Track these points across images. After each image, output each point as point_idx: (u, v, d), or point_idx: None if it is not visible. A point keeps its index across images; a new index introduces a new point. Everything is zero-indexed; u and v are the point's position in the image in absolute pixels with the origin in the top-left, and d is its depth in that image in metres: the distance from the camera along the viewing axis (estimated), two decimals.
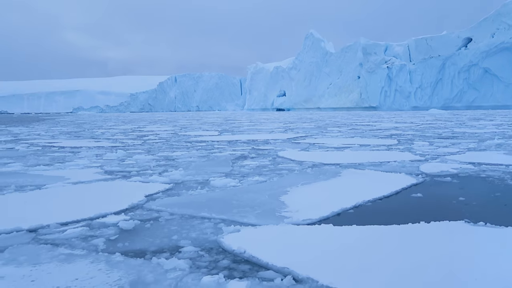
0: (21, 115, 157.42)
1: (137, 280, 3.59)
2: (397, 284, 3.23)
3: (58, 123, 48.03)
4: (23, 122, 54.49)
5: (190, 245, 4.48)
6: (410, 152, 11.44)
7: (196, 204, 6.02)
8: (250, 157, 11.30)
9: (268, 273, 3.71)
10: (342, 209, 5.58)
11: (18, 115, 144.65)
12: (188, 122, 42.27)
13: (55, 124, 44.58)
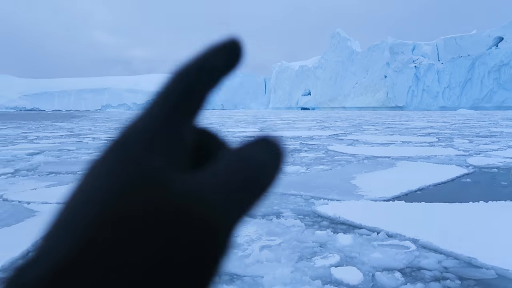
0: (53, 112, 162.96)
1: (271, 231, 4.79)
2: (446, 236, 4.36)
3: (95, 119, 50.23)
4: (63, 118, 57.08)
5: (291, 212, 5.67)
6: (452, 148, 12.32)
7: (283, 185, 7.19)
8: (304, 150, 12.41)
9: (362, 231, 4.86)
10: (409, 191, 6.66)
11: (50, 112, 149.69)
12: (221, 120, 43.69)
13: (93, 120, 46.75)
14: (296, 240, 4.54)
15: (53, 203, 6.02)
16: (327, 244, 4.45)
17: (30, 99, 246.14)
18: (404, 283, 3.49)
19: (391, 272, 3.71)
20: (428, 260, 3.99)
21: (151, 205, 0.20)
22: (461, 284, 3.49)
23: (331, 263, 3.90)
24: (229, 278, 3.57)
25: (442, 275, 3.66)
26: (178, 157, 0.23)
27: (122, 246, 0.19)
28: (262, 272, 3.66)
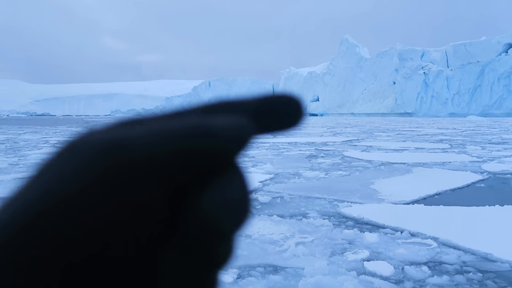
0: (64, 117, 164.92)
1: (302, 230, 5.21)
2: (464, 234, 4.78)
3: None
4: (76, 124, 58.06)
5: (317, 213, 6.08)
6: (466, 155, 12.66)
7: (305, 189, 7.63)
8: (320, 156, 12.82)
9: (387, 230, 5.28)
10: (427, 195, 7.05)
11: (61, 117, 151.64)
12: None
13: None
14: (327, 238, 4.96)
15: None
16: (355, 241, 4.87)
17: (41, 104, 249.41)
18: (431, 275, 3.90)
19: (418, 266, 4.11)
20: (449, 255, 4.39)
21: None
22: (482, 276, 3.88)
23: (362, 258, 4.31)
24: (272, 269, 4.00)
25: (462, 269, 4.06)
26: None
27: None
28: (301, 264, 4.08)
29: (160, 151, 0.20)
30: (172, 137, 0.20)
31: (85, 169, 0.19)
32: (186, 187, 0.21)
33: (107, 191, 0.19)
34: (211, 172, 0.21)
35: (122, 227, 0.19)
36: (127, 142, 0.20)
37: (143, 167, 0.20)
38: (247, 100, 0.24)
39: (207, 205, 0.20)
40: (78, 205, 0.19)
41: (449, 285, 3.70)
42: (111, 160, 0.19)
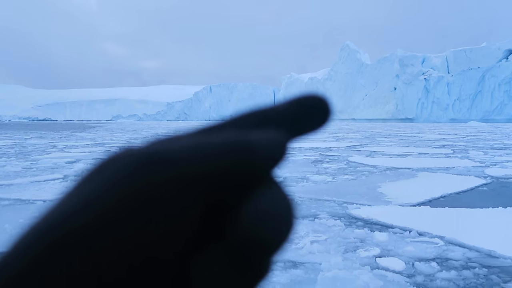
0: (66, 122, 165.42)
1: (316, 229, 5.50)
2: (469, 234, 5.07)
3: (111, 130, 51.40)
4: (80, 129, 58.42)
5: (327, 215, 6.37)
6: (469, 160, 12.95)
7: (315, 192, 7.92)
8: (325, 161, 13.11)
9: (395, 230, 5.57)
10: (432, 198, 7.34)
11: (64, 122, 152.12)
12: None
13: (110, 131, 47.89)
14: (339, 237, 5.26)
15: None
16: (366, 239, 5.16)
17: (42, 109, 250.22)
18: (440, 270, 4.18)
19: (427, 262, 4.40)
20: (455, 252, 4.69)
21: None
22: (487, 271, 4.17)
23: (374, 254, 4.60)
24: (292, 264, 4.29)
25: (468, 264, 4.36)
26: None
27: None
28: (318, 260, 4.38)
29: (200, 167, 0.20)
30: (212, 153, 0.20)
31: (127, 182, 0.19)
32: (224, 201, 0.21)
33: (149, 204, 0.19)
34: (250, 187, 0.21)
35: (160, 241, 0.19)
36: (168, 156, 0.20)
37: (184, 182, 0.20)
38: (279, 107, 0.24)
39: (247, 219, 0.20)
40: (120, 217, 0.19)
41: (457, 279, 3.99)
42: (153, 174, 0.19)
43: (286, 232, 0.21)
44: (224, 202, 0.21)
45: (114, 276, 0.18)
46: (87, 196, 0.19)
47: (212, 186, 0.20)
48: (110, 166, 0.20)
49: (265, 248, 0.21)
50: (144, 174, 0.19)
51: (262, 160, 0.21)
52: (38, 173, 10.80)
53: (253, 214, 0.20)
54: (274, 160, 0.22)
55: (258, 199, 0.21)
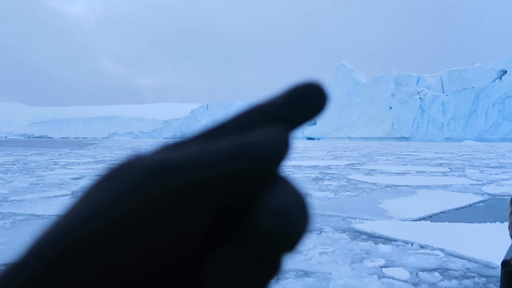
0: (63, 139, 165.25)
1: (323, 242, 5.80)
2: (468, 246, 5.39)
3: (109, 147, 51.55)
4: (78, 146, 58.55)
5: (332, 229, 6.66)
6: (466, 178, 13.31)
7: (318, 207, 8.21)
8: (326, 179, 13.42)
9: (398, 242, 5.87)
10: (432, 213, 7.66)
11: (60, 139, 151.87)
12: None
13: (108, 148, 48.08)
14: (346, 248, 5.55)
15: None
16: (371, 251, 5.45)
17: (39, 126, 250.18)
18: (442, 279, 4.48)
19: (430, 272, 4.69)
20: (455, 263, 4.99)
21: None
22: (486, 280, 4.46)
23: (379, 265, 4.89)
24: (303, 273, 4.56)
25: (467, 274, 4.65)
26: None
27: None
28: (327, 270, 4.66)
29: (209, 173, 0.20)
30: (219, 159, 0.21)
31: (139, 189, 0.20)
32: (236, 205, 0.21)
33: (161, 212, 0.19)
34: (259, 189, 0.21)
35: (170, 248, 0.19)
36: (177, 164, 0.20)
37: (194, 188, 0.20)
38: (277, 100, 0.24)
39: (262, 218, 0.21)
40: (132, 224, 0.19)
41: (459, 287, 4.28)
42: (164, 182, 0.20)
43: (304, 224, 0.21)
44: (235, 206, 0.21)
45: (126, 282, 0.18)
46: (99, 203, 0.20)
47: (222, 191, 0.20)
48: (120, 174, 0.21)
49: (283, 244, 0.21)
50: (155, 182, 0.20)
51: (268, 160, 0.22)
52: (46, 189, 11.04)
53: (267, 213, 0.21)
54: (279, 158, 0.22)
55: (270, 197, 0.21)
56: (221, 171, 0.20)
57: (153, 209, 0.19)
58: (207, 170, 0.20)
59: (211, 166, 0.20)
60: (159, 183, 0.20)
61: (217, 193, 0.20)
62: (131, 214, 0.19)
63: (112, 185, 0.20)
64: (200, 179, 0.20)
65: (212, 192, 0.20)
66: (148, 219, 0.19)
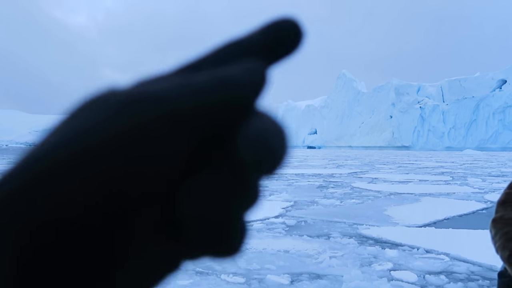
0: None
1: (332, 247, 6.01)
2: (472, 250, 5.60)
3: None
4: None
5: (339, 234, 6.87)
6: (468, 186, 13.52)
7: (325, 214, 8.43)
8: (330, 187, 13.64)
9: (404, 247, 6.09)
10: (437, 220, 7.87)
11: None
12: None
13: None
14: (354, 253, 5.76)
15: None
16: (379, 255, 5.66)
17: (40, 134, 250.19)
18: (448, 282, 4.69)
19: (436, 275, 4.90)
20: (460, 267, 5.21)
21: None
22: (490, 283, 4.67)
23: (388, 268, 5.10)
24: (316, 276, 4.78)
25: (471, 277, 4.87)
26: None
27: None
28: (338, 273, 4.87)
29: (189, 104, 0.20)
30: (196, 92, 0.21)
31: (113, 120, 0.19)
32: (213, 135, 0.21)
33: (137, 142, 0.19)
34: (238, 119, 0.22)
35: (148, 177, 0.19)
36: (156, 95, 0.20)
37: (174, 118, 0.20)
38: (253, 35, 0.24)
39: (241, 146, 0.21)
40: (107, 150, 0.19)
41: None
42: (142, 111, 0.19)
43: (282, 149, 0.22)
44: (214, 135, 0.21)
45: (98, 204, 0.18)
46: (78, 128, 0.19)
47: (201, 121, 0.20)
48: (97, 104, 0.20)
49: (261, 168, 0.21)
50: (133, 111, 0.19)
51: (246, 91, 0.22)
52: None
53: (246, 140, 0.21)
54: (257, 90, 0.22)
55: (248, 126, 0.22)
56: (200, 101, 0.20)
57: (130, 138, 0.19)
58: (186, 100, 0.20)
59: (190, 97, 0.20)
60: (137, 113, 0.19)
61: (196, 123, 0.20)
62: (109, 140, 0.19)
63: (88, 115, 0.20)
64: (179, 109, 0.20)
65: (191, 122, 0.20)
66: (128, 144, 0.19)
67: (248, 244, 0.18)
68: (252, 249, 5.86)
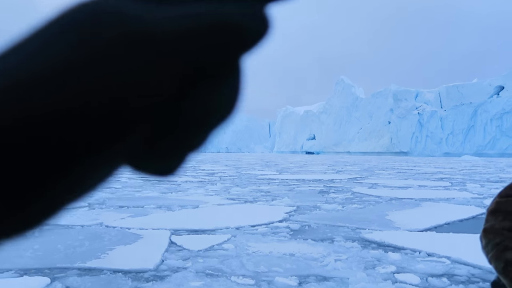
0: None
1: (336, 250, 6.17)
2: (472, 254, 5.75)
3: None
4: None
5: (343, 238, 7.03)
6: (467, 192, 13.72)
7: (328, 219, 8.59)
8: (331, 192, 13.81)
9: (406, 251, 6.25)
10: (437, 224, 8.05)
11: None
12: (234, 163, 45.27)
13: None
14: (358, 256, 5.92)
15: (149, 229, 7.44)
16: (382, 259, 5.82)
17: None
18: (450, 284, 4.85)
19: (438, 277, 5.07)
20: (460, 270, 5.37)
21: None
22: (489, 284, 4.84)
23: (391, 271, 5.26)
24: (322, 278, 4.94)
25: (471, 279, 5.04)
26: None
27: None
28: (344, 275, 5.03)
29: (180, 34, 0.19)
30: (192, 23, 0.20)
31: (98, 31, 0.18)
32: (196, 72, 0.20)
33: (126, 56, 0.18)
34: (223, 65, 0.21)
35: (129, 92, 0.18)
36: (144, 16, 0.19)
37: (164, 44, 0.19)
38: None
39: (206, 96, 0.21)
40: (77, 64, 0.18)
41: None
42: (134, 30, 0.19)
43: (228, 110, 0.22)
44: (195, 73, 0.20)
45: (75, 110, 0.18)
46: (46, 41, 0.18)
47: (187, 55, 0.20)
48: (74, 18, 0.19)
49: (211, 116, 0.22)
50: (118, 29, 0.18)
51: (248, 36, 0.21)
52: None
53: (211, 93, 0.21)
54: (260, 35, 0.21)
55: (221, 80, 0.21)
56: (194, 33, 0.20)
57: (117, 53, 0.18)
58: (181, 30, 0.19)
59: (184, 29, 0.20)
60: (129, 29, 0.19)
61: (184, 55, 0.20)
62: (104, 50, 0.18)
63: (57, 26, 0.19)
64: (173, 36, 0.19)
65: (179, 52, 0.19)
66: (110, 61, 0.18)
67: (255, 247, 0.18)
68: (259, 252, 6.02)
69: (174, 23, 0.20)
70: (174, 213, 9.27)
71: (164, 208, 9.99)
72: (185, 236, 7.00)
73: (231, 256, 5.84)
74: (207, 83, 0.21)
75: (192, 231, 7.39)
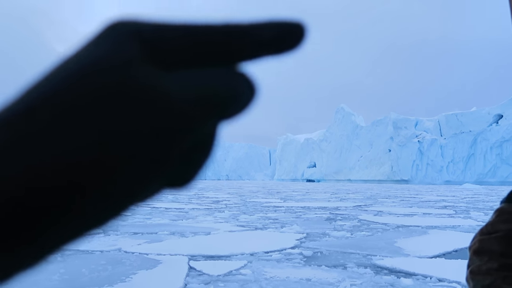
0: None
1: (350, 275, 6.40)
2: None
3: None
4: None
5: (355, 265, 7.27)
6: (472, 219, 13.93)
7: (339, 246, 8.82)
8: (338, 219, 14.02)
9: (418, 276, 6.49)
10: (446, 251, 8.29)
11: None
12: (236, 191, 45.37)
13: None
14: (372, 281, 6.15)
15: (166, 254, 7.68)
16: (395, 284, 6.06)
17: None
18: None
19: None
20: None
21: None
22: None
23: None
24: None
25: None
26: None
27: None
28: None
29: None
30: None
31: (125, 47, 0.20)
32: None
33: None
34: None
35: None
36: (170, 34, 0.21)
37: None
38: (259, 27, 0.22)
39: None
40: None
41: None
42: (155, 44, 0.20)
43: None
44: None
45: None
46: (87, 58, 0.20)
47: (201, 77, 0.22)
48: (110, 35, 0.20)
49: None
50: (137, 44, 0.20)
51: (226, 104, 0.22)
52: None
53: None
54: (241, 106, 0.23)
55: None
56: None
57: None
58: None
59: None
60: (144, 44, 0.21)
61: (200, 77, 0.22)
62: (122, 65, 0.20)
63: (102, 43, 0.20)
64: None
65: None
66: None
67: (271, 272, 0.32)
68: (276, 277, 6.26)
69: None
70: (188, 239, 9.50)
71: (178, 234, 10.23)
72: (203, 262, 7.23)
73: (250, 280, 6.08)
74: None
75: (208, 256, 7.62)
